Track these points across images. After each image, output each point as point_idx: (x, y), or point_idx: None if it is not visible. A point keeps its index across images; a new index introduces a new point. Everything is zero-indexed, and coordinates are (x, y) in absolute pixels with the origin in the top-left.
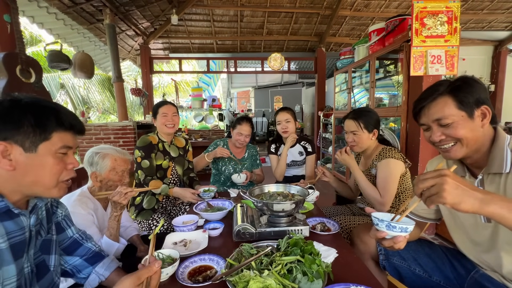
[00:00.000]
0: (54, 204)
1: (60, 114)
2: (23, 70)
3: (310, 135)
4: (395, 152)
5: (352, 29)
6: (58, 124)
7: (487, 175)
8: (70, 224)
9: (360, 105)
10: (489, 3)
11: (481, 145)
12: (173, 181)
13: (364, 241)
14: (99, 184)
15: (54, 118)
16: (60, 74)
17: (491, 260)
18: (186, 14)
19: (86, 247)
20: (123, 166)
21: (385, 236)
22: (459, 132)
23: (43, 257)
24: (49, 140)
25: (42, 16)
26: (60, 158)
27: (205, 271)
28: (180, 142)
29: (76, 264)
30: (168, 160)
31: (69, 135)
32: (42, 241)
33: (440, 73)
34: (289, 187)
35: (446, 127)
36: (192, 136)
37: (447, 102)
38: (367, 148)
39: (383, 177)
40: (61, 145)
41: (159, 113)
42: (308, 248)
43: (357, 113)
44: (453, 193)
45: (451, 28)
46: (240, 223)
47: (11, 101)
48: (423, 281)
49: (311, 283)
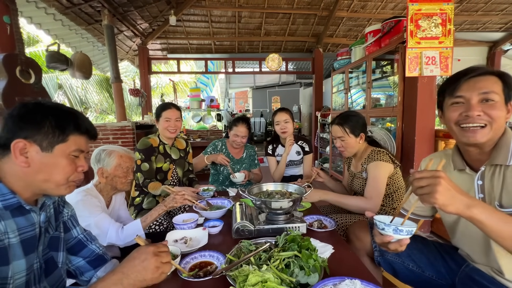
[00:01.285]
0: (61, 203)
1: (78, 119)
2: (22, 71)
3: (308, 135)
4: (383, 154)
5: (349, 30)
6: (75, 128)
7: (489, 167)
8: (76, 224)
9: (357, 105)
10: (484, 4)
11: (498, 135)
12: (173, 182)
13: (360, 238)
14: (104, 180)
15: (73, 122)
16: (58, 74)
17: (483, 254)
18: (184, 15)
19: (90, 249)
20: (128, 163)
21: (391, 240)
22: (497, 113)
23: (51, 254)
24: (65, 142)
25: (40, 17)
26: (72, 160)
27: (205, 266)
28: (181, 144)
29: (79, 266)
30: (169, 163)
31: (84, 140)
32: (50, 238)
33: (435, 74)
34: (287, 186)
35: (487, 105)
36: (191, 137)
37: (497, 81)
38: (357, 151)
39: (371, 179)
40: (75, 148)
41: (162, 116)
42: (305, 244)
43: (342, 118)
44: (444, 195)
45: (445, 30)
46: (239, 221)
47: (35, 104)
48: (417, 276)
49: (308, 277)
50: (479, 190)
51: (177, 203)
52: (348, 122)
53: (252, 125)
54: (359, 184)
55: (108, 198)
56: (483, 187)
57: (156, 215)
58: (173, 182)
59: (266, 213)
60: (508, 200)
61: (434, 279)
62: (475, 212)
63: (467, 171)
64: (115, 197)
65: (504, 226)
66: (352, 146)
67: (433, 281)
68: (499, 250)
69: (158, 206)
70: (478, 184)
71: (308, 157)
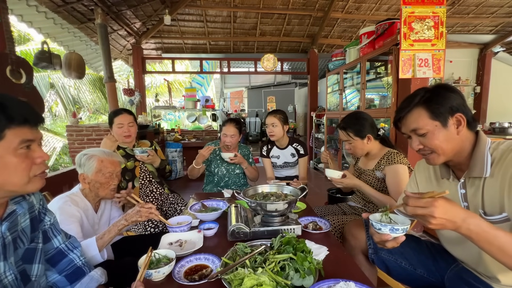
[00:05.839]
0: (42, 211)
1: (7, 109)
2: (13, 71)
3: (303, 135)
4: (402, 157)
5: (344, 31)
6: (8, 121)
7: (468, 178)
8: (57, 233)
9: (352, 106)
10: (475, 7)
11: (460, 150)
12: (147, 178)
13: (355, 236)
14: (88, 186)
15: (3, 115)
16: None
17: (470, 256)
18: (179, 14)
19: (69, 259)
20: (110, 168)
21: (389, 238)
22: (433, 142)
23: (24, 267)
24: (3, 140)
25: (31, 15)
26: (24, 154)
27: (201, 270)
28: (145, 144)
29: (56, 281)
30: (133, 161)
31: (26, 129)
32: (25, 250)
33: (427, 76)
34: (282, 188)
35: (422, 137)
36: (186, 137)
37: (421, 113)
38: (369, 150)
39: (395, 184)
40: (19, 140)
41: (115, 123)
42: (300, 246)
43: (346, 122)
44: (437, 224)
45: (437, 33)
46: (234, 223)
47: None
48: (409, 273)
49: (303, 279)
50: (462, 198)
51: (141, 217)
52: (351, 125)
53: (247, 125)
54: (367, 181)
55: (95, 202)
56: (466, 195)
57: (116, 231)
58: (145, 177)
59: (262, 215)
60: (491, 209)
61: (425, 277)
62: (468, 232)
63: (450, 180)
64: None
65: (491, 246)
66: (360, 148)
67: (424, 278)
68: (491, 258)
69: (117, 221)
70: (461, 193)
71: (303, 160)
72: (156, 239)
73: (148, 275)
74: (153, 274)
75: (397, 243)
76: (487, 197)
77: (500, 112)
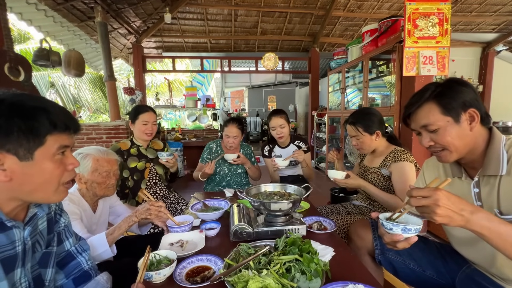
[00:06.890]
0: (58, 212)
1: (51, 115)
2: (11, 68)
3: (304, 135)
4: (409, 155)
5: (346, 29)
6: (52, 127)
7: (482, 177)
8: (69, 235)
9: (353, 105)
10: (478, 5)
11: (473, 147)
12: (154, 180)
13: (362, 237)
14: (84, 186)
15: (47, 121)
16: (50, 72)
17: (483, 257)
18: (180, 13)
19: (77, 262)
20: (107, 167)
21: (401, 239)
22: (445, 138)
23: (40, 271)
24: (43, 145)
25: (31, 13)
26: (59, 160)
27: (203, 271)
28: (158, 145)
29: (62, 284)
30: (144, 162)
31: (65, 136)
32: (42, 254)
33: (432, 73)
34: (286, 187)
35: (433, 133)
36: (186, 136)
37: (432, 108)
38: (376, 148)
39: (401, 182)
40: (57, 146)
41: (139, 119)
42: (306, 247)
43: (355, 117)
44: (443, 215)
45: (442, 30)
46: (237, 223)
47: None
48: (417, 275)
49: (310, 282)
50: (476, 197)
51: (151, 215)
52: (361, 120)
53: (248, 124)
54: (372, 179)
55: (93, 202)
56: (480, 194)
57: (126, 227)
58: (154, 179)
59: (265, 215)
60: (507, 208)
61: (434, 279)
62: (476, 227)
63: (463, 179)
64: (102, 199)
65: (505, 243)
66: (368, 144)
67: (433, 280)
68: (505, 259)
69: (128, 217)
70: (474, 192)
71: (307, 155)
72: (156, 239)
73: (148, 277)
74: (153, 276)
75: (409, 244)
76: (503, 196)
77: (503, 111)
